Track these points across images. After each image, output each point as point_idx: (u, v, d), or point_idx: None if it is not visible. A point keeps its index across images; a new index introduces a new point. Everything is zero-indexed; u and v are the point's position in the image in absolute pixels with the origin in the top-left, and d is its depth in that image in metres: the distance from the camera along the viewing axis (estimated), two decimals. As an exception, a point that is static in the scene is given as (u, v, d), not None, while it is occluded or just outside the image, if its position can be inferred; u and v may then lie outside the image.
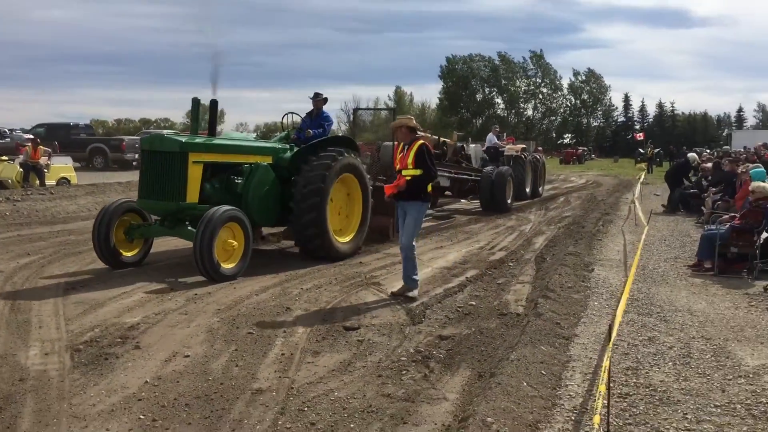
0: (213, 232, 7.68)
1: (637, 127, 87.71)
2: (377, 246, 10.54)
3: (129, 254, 8.65)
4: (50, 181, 19.22)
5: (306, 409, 4.34)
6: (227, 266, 8.01)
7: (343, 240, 9.72)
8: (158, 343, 5.58)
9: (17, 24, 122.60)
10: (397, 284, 7.59)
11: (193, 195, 8.35)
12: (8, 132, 28.67)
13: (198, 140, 8.65)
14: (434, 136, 16.91)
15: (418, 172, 7.23)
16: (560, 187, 27.39)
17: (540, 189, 21.86)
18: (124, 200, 8.99)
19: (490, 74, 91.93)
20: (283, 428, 4.06)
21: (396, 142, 8.35)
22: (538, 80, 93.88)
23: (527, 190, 20.28)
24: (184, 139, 8.47)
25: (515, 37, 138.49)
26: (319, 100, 10.29)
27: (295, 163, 9.40)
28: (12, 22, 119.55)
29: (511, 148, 20.53)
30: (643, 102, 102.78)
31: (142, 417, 4.15)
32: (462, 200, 18.21)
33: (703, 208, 14.50)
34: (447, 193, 17.31)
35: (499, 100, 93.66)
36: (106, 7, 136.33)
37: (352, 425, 4.12)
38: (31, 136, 23.22)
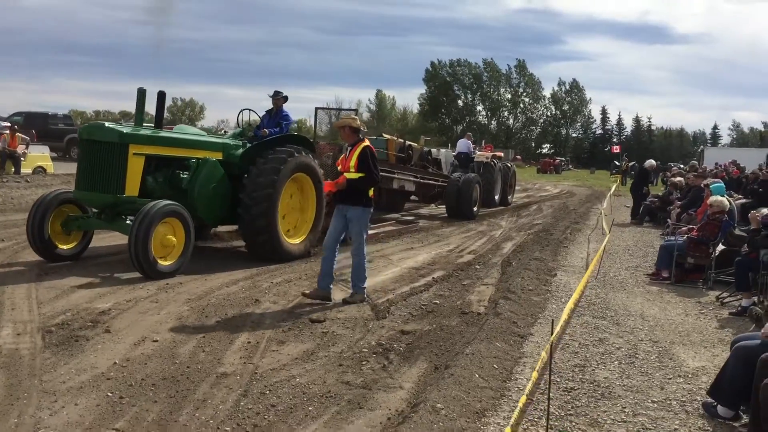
0: (149, 227, 7.45)
1: (615, 140, 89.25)
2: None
3: (66, 247, 8.32)
4: (26, 170, 19.15)
5: (268, 392, 4.57)
6: (165, 263, 7.76)
7: (294, 241, 9.52)
8: (128, 327, 5.76)
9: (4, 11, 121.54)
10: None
11: (132, 188, 8.08)
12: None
13: (140, 132, 8.34)
14: (400, 140, 16.67)
15: (360, 175, 7.04)
16: (534, 195, 27.84)
17: (509, 197, 21.39)
18: (61, 191, 8.67)
19: (473, 81, 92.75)
20: (245, 409, 4.29)
21: None
22: (521, 89, 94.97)
23: (496, 197, 19.82)
24: (125, 130, 8.14)
25: (497, 46, 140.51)
26: (278, 98, 10.34)
27: (246, 160, 9.20)
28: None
29: (481, 155, 20.19)
30: (620, 115, 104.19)
31: (110, 394, 4.35)
32: (432, 205, 17.91)
33: (668, 220, 14.94)
34: (413, 198, 16.97)
35: (480, 107, 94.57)
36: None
37: (310, 408, 4.36)
38: (8, 124, 23.08)
